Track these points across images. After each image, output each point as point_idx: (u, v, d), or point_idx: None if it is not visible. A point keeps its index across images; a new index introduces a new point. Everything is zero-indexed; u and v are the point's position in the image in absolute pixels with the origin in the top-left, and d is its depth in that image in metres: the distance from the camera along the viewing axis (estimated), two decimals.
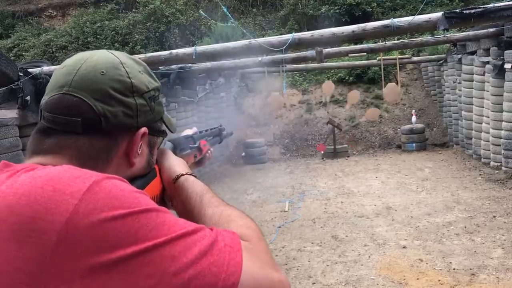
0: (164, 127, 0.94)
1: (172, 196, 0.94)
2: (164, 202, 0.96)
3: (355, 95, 10.98)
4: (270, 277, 0.71)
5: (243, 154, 11.89)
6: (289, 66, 11.25)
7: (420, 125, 11.92)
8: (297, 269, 4.72)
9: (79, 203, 0.62)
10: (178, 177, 0.93)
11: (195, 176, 0.95)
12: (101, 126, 0.77)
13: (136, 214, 0.64)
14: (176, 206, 0.93)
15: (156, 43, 15.65)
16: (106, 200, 0.64)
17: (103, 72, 0.78)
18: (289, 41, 5.52)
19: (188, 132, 1.24)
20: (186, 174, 0.94)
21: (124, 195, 0.66)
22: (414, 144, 11.61)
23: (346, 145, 12.08)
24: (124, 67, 0.81)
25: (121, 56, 0.84)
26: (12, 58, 12.66)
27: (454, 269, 4.42)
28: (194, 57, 5.90)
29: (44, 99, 0.79)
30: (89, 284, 0.60)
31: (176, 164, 0.97)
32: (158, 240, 0.64)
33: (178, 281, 0.63)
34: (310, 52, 8.72)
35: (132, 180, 0.83)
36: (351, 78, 13.79)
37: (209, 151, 1.31)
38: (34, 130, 0.80)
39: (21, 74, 6.06)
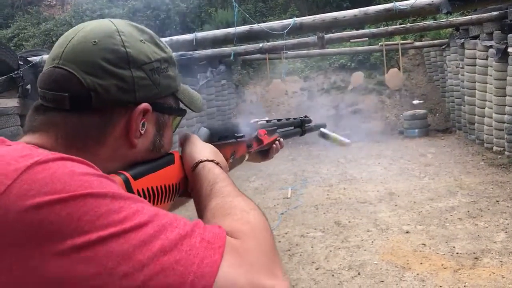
0: (177, 106, 0.83)
1: (192, 185, 0.83)
2: (188, 194, 0.86)
3: (359, 76, 10.92)
4: (258, 285, 0.57)
5: None
6: (290, 53, 11.19)
7: (422, 111, 11.87)
8: (300, 255, 4.72)
9: (12, 183, 0.53)
10: (196, 164, 0.82)
11: (217, 164, 0.83)
12: (91, 101, 0.69)
13: (81, 197, 0.54)
14: (194, 198, 0.82)
15: (156, 31, 15.52)
16: (46, 181, 0.54)
17: (95, 41, 0.70)
18: (291, 25, 5.46)
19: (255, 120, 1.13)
20: (206, 160, 0.82)
21: (73, 177, 0.55)
22: (416, 130, 11.56)
23: (349, 131, 12.04)
24: (120, 35, 0.72)
25: (120, 24, 0.75)
26: (12, 48, 12.61)
27: (457, 253, 4.41)
28: (194, 44, 5.85)
29: (40, 74, 0.73)
30: (15, 283, 0.50)
31: (198, 151, 0.85)
32: (106, 231, 0.52)
33: (129, 283, 0.51)
34: (311, 38, 8.66)
35: (137, 165, 0.75)
36: (353, 64, 13.70)
37: (276, 142, 1.21)
38: (31, 108, 0.74)
39: (21, 63, 6.02)
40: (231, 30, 5.82)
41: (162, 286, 0.52)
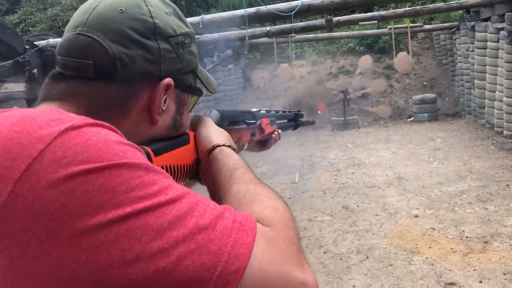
0: (198, 84, 0.81)
1: (205, 170, 0.81)
2: (198, 177, 0.84)
3: (367, 60, 10.80)
4: (289, 276, 0.54)
5: None
6: (298, 37, 11.08)
7: (431, 95, 11.75)
8: (308, 239, 4.70)
9: (46, 148, 0.50)
10: (214, 147, 0.80)
11: (234, 149, 0.81)
12: (116, 71, 0.66)
13: (116, 167, 0.51)
14: (207, 181, 0.79)
15: None
16: (81, 148, 0.51)
17: (121, 9, 0.68)
18: (298, 7, 5.38)
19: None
20: (224, 145, 0.80)
21: (107, 145, 0.53)
22: (425, 114, 11.46)
23: (357, 116, 11.97)
24: (147, 6, 0.70)
25: None
26: (19, 33, 12.61)
27: (467, 237, 4.37)
28: (201, 26, 5.79)
29: (60, 42, 0.70)
30: (43, 255, 0.47)
31: (214, 134, 0.83)
32: (141, 204, 0.50)
33: (162, 260, 0.49)
34: (319, 21, 8.54)
35: (156, 141, 0.73)
36: (361, 48, 13.57)
37: (275, 133, 1.20)
38: (47, 76, 0.71)
39: (27, 47, 6.01)
40: (238, 12, 5.74)
41: (195, 265, 0.50)
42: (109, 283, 0.48)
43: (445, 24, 11.76)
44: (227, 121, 0.96)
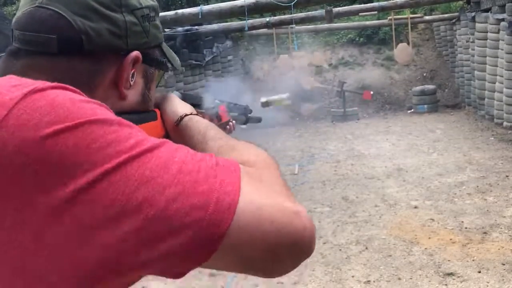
0: (163, 60, 0.78)
1: (176, 142, 0.83)
2: None
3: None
4: (280, 205, 0.52)
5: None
6: (297, 28, 11.04)
7: (431, 86, 11.72)
8: None
9: (8, 113, 0.47)
10: (182, 117, 0.81)
11: (202, 116, 0.82)
12: (81, 45, 0.62)
13: (87, 124, 0.49)
14: None
15: (162, 6, 15.38)
16: (48, 109, 0.48)
17: None
18: None
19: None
20: (191, 114, 0.82)
21: (74, 104, 0.50)
22: (425, 106, 11.44)
23: (356, 108, 11.95)
24: None
25: None
26: None
27: (466, 228, 4.38)
28: (200, 17, 5.76)
29: (16, 15, 0.66)
30: (22, 226, 0.46)
31: (181, 107, 0.84)
32: (119, 158, 0.48)
33: (150, 208, 0.47)
34: (319, 12, 8.50)
35: (122, 114, 0.71)
36: (361, 39, 13.50)
37: (230, 123, 1.17)
38: (5, 53, 0.66)
39: None
40: (237, 2, 5.71)
41: (185, 207, 0.48)
42: (98, 243, 0.46)
43: (446, 15, 11.70)
44: (189, 103, 0.95)
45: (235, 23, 8.87)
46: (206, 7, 5.96)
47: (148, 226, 0.47)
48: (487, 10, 8.80)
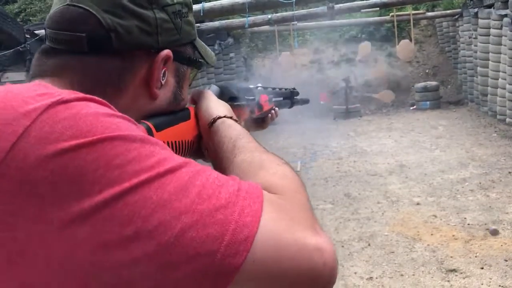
0: (197, 57, 0.76)
1: (207, 144, 0.77)
2: (201, 153, 0.82)
3: (366, 47, 10.74)
4: (302, 242, 0.50)
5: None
6: (299, 24, 11.00)
7: (434, 83, 11.69)
8: None
9: (32, 124, 0.47)
10: (215, 120, 0.76)
11: (236, 121, 0.77)
12: (111, 43, 0.62)
13: (109, 140, 0.48)
14: (210, 155, 0.76)
15: None
16: (70, 122, 0.48)
17: None
18: None
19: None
20: (225, 117, 0.77)
21: (98, 118, 0.50)
22: (428, 102, 11.40)
23: (359, 105, 11.92)
24: None
25: None
26: (20, 23, 12.57)
27: (468, 224, 4.38)
28: (201, 14, 5.75)
29: (49, 14, 0.66)
30: (36, 238, 0.45)
31: (215, 107, 0.79)
32: (138, 178, 0.47)
33: (165, 233, 0.46)
34: (321, 9, 8.49)
35: (156, 116, 0.70)
36: (363, 35, 13.46)
37: (273, 111, 1.14)
38: (37, 51, 0.66)
39: (28, 36, 5.98)
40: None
41: (201, 236, 0.46)
42: (110, 262, 0.45)
43: (448, 11, 11.66)
44: (227, 97, 0.93)
45: (236, 20, 8.85)
46: (207, 4, 5.95)
47: (160, 252, 0.46)
48: (490, 6, 8.75)
